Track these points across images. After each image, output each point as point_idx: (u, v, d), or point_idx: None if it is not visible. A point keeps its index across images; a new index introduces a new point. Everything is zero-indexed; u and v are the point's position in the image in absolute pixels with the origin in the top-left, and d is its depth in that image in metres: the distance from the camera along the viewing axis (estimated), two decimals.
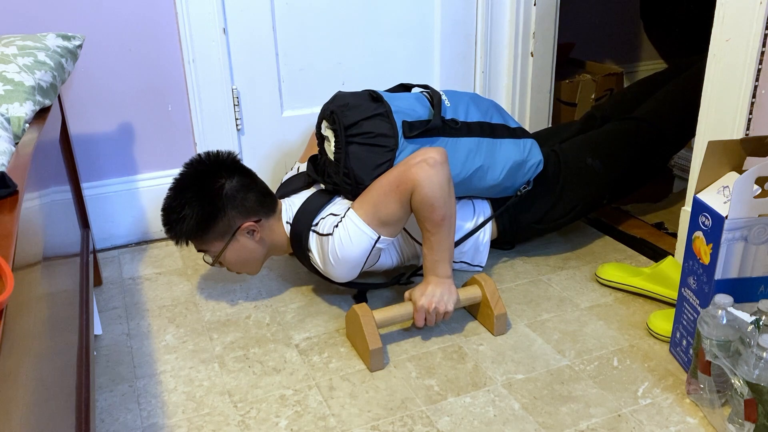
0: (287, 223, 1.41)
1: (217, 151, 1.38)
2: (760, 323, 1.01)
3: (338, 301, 1.48)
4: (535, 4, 1.95)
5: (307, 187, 1.48)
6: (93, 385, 1.05)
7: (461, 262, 1.54)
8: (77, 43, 1.30)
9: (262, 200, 1.38)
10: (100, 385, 1.24)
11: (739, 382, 0.97)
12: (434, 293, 1.28)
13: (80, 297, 1.19)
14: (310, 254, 1.36)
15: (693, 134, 1.69)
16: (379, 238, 1.30)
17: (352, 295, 1.49)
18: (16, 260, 0.62)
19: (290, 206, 1.43)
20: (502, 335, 1.34)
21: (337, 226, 1.30)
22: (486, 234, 1.53)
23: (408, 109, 1.38)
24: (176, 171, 1.78)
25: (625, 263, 1.56)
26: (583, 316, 1.40)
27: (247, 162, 1.86)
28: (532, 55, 2.01)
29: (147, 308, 1.49)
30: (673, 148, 1.71)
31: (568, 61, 2.53)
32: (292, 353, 1.31)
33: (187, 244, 1.37)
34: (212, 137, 1.78)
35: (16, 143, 0.93)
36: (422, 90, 1.48)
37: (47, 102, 1.10)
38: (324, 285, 1.55)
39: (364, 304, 1.28)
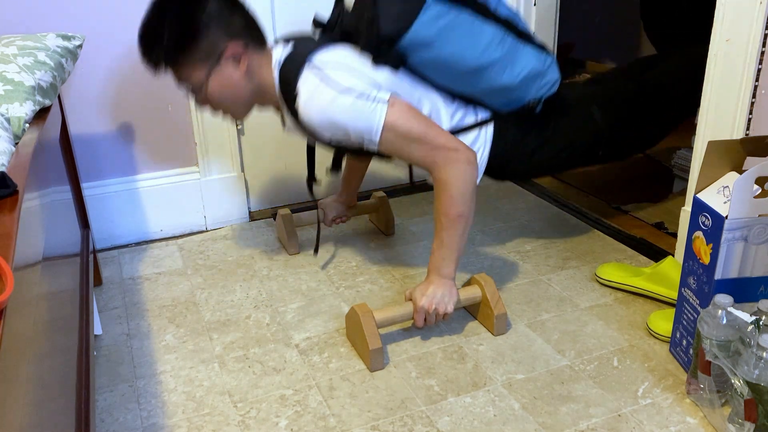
0: (277, 65, 1.30)
1: None
2: (760, 323, 1.01)
3: (338, 301, 1.49)
4: (535, 4, 1.95)
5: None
6: (93, 385, 1.05)
7: None
8: (77, 43, 1.30)
9: (249, 27, 1.28)
10: (100, 385, 1.24)
11: (739, 382, 0.97)
12: (435, 294, 1.28)
13: (80, 297, 1.19)
14: (297, 97, 1.24)
15: (694, 112, 1.67)
16: (375, 144, 1.23)
17: (327, 168, 1.43)
18: (16, 260, 0.62)
19: (283, 49, 1.32)
20: (502, 335, 1.34)
21: (357, 93, 1.21)
22: (485, 151, 1.44)
23: None
24: (176, 171, 1.80)
25: (625, 263, 1.56)
26: (583, 316, 1.40)
27: (247, 162, 1.87)
28: None
29: (147, 308, 1.49)
30: (673, 120, 1.66)
31: (568, 61, 2.53)
32: (292, 353, 1.31)
33: (166, 68, 1.26)
34: (212, 137, 1.78)
35: (16, 143, 0.93)
36: None
37: (47, 102, 1.10)
38: (324, 285, 1.55)
39: (364, 304, 1.28)
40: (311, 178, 1.57)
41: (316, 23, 1.40)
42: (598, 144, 1.54)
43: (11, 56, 1.09)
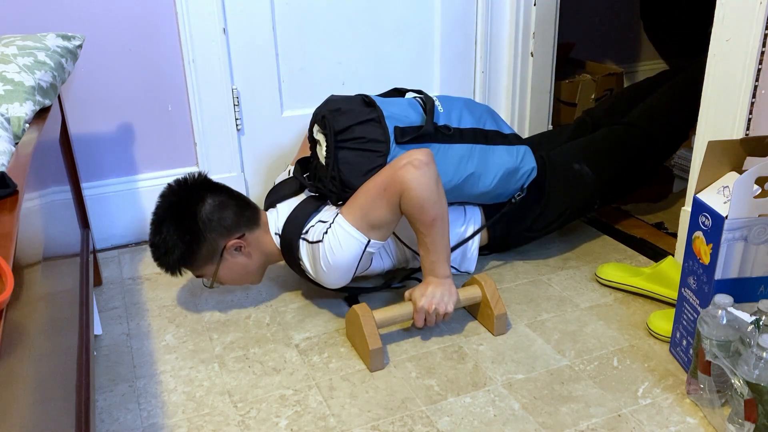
0: (276, 234, 1.40)
1: (185, 176, 1.38)
2: (760, 323, 1.01)
3: (338, 301, 1.48)
4: (535, 4, 1.95)
5: (296, 194, 1.47)
6: (93, 385, 1.05)
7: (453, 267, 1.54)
8: (77, 43, 1.30)
9: (241, 214, 1.37)
10: (100, 385, 1.24)
11: (739, 382, 0.97)
12: (434, 294, 1.28)
13: (80, 297, 1.19)
14: (301, 262, 1.36)
15: (684, 138, 1.70)
16: (369, 242, 1.29)
17: (344, 298, 1.48)
18: (16, 260, 0.62)
19: (277, 216, 1.42)
20: (502, 335, 1.34)
21: (326, 232, 1.29)
22: (475, 242, 1.53)
23: (400, 114, 1.38)
24: (176, 171, 1.80)
25: (625, 263, 1.56)
26: (583, 316, 1.40)
27: (247, 162, 1.86)
28: (532, 55, 2.01)
29: (147, 308, 1.49)
30: (665, 153, 1.71)
31: (568, 61, 2.53)
32: (292, 353, 1.31)
33: (181, 273, 1.37)
34: (212, 137, 1.78)
35: (16, 143, 0.93)
36: (416, 95, 1.48)
37: (47, 102, 1.10)
38: (318, 287, 1.55)
39: (364, 304, 1.28)
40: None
41: (301, 161, 1.51)
42: (593, 198, 1.61)
43: (11, 56, 1.09)
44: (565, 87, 2.33)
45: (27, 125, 1.00)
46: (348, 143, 1.33)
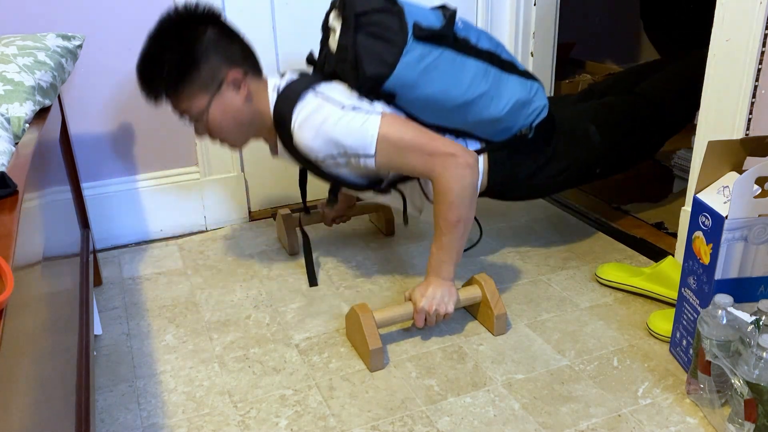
0: (275, 89, 1.32)
1: (197, 2, 1.28)
2: (760, 323, 1.01)
3: (338, 301, 1.48)
4: (535, 4, 1.95)
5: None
6: (93, 385, 1.05)
7: None
8: (77, 43, 1.30)
9: (247, 54, 1.30)
10: (100, 385, 1.24)
11: (739, 382, 0.97)
12: (435, 295, 1.28)
13: (80, 297, 1.19)
14: (293, 112, 1.26)
15: (691, 119, 1.68)
16: (373, 159, 1.25)
17: (326, 199, 1.43)
18: (16, 260, 0.62)
19: (283, 77, 1.34)
20: (502, 335, 1.34)
21: (353, 108, 1.23)
22: (480, 178, 1.45)
23: (421, 15, 1.32)
24: (176, 171, 1.80)
25: (625, 263, 1.56)
26: (583, 316, 1.40)
27: (247, 162, 1.86)
28: (532, 55, 2.01)
29: (147, 308, 1.49)
30: (671, 130, 1.67)
31: (568, 61, 2.53)
32: (292, 353, 1.31)
33: (166, 99, 1.27)
34: None
35: (16, 143, 0.93)
36: (437, 7, 1.42)
37: (47, 102, 1.10)
38: (324, 285, 1.55)
39: (364, 303, 1.28)
40: (304, 205, 1.56)
41: (310, 61, 1.43)
42: (596, 162, 1.56)
43: (11, 56, 1.09)
44: (565, 87, 2.33)
45: (27, 125, 1.00)
46: (365, 28, 1.27)
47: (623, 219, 1.82)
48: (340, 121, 1.23)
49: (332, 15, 1.33)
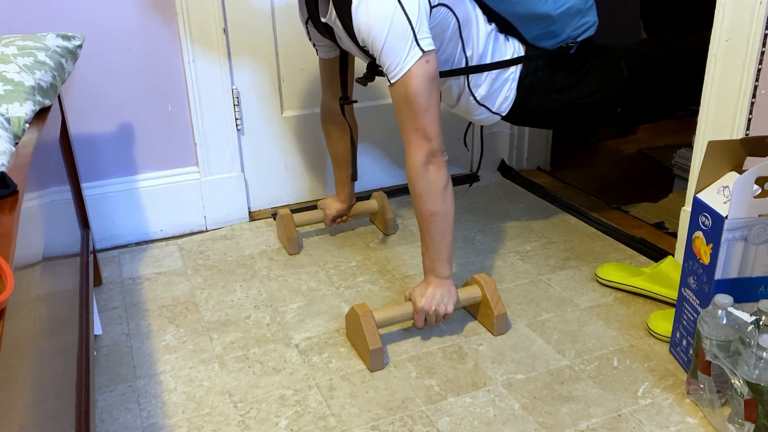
0: None
1: None
2: (760, 323, 1.01)
3: (338, 301, 1.49)
4: None
5: None
6: (93, 385, 1.05)
7: (483, 105, 1.46)
8: (77, 43, 1.30)
9: None
10: (100, 385, 1.24)
11: (739, 382, 0.97)
12: (434, 295, 1.28)
13: (80, 297, 1.19)
14: None
15: (698, 94, 1.66)
16: (390, 82, 1.23)
17: (359, 78, 1.39)
18: (16, 260, 0.62)
19: None
20: (502, 335, 1.34)
21: (409, 19, 1.19)
22: (514, 82, 1.44)
23: None
24: (176, 171, 1.80)
25: (625, 263, 1.56)
26: (583, 316, 1.40)
27: (247, 162, 1.87)
28: None
29: (147, 308, 1.49)
30: (690, 95, 1.63)
31: None
32: (292, 353, 1.31)
33: None
34: (212, 137, 1.78)
35: (16, 143, 0.93)
36: None
37: (47, 102, 1.10)
38: (324, 285, 1.55)
39: (364, 304, 1.28)
40: (346, 98, 1.53)
41: None
42: (620, 99, 1.53)
43: (11, 56, 1.09)
44: None
45: (27, 125, 1.00)
46: None
47: (623, 219, 1.82)
48: (392, 30, 1.19)
49: None
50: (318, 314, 1.44)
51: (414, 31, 1.21)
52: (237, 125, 1.80)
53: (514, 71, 1.43)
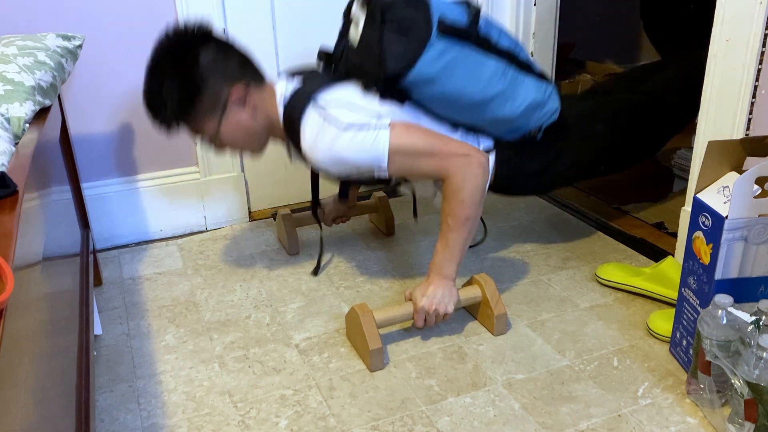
0: (283, 98, 1.31)
1: (185, 24, 1.27)
2: (760, 323, 1.01)
3: (338, 301, 1.49)
4: (535, 4, 1.95)
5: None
6: (93, 385, 1.05)
7: None
8: (77, 43, 1.30)
9: (245, 65, 1.30)
10: (100, 385, 1.24)
11: (739, 382, 0.97)
12: (435, 294, 1.28)
13: (80, 297, 1.19)
14: (300, 130, 1.26)
15: (693, 117, 1.68)
16: (385, 171, 1.25)
17: (336, 194, 1.43)
18: (16, 260, 0.62)
19: (287, 85, 1.34)
20: (502, 335, 1.34)
21: (357, 127, 1.22)
22: (489, 174, 1.43)
23: (447, 10, 1.32)
24: (176, 171, 1.80)
25: (625, 263, 1.56)
26: (583, 316, 1.40)
27: (247, 162, 1.86)
28: (532, 55, 2.01)
29: (147, 308, 1.49)
30: (674, 128, 1.68)
31: (568, 61, 2.53)
32: (292, 353, 1.31)
33: (178, 126, 1.27)
34: None
35: (16, 143, 0.93)
36: (462, 1, 1.42)
37: (47, 102, 1.10)
38: (324, 285, 1.55)
39: (364, 304, 1.28)
40: (315, 202, 1.58)
41: (321, 56, 1.41)
42: (601, 159, 1.57)
43: (11, 56, 1.09)
44: (565, 87, 2.33)
45: (27, 125, 1.00)
46: (389, 24, 1.26)
47: (623, 219, 1.82)
48: (349, 143, 1.22)
49: (356, 4, 1.31)
50: (318, 314, 1.44)
51: (365, 128, 1.23)
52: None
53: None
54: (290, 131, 1.30)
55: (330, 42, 1.83)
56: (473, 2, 1.40)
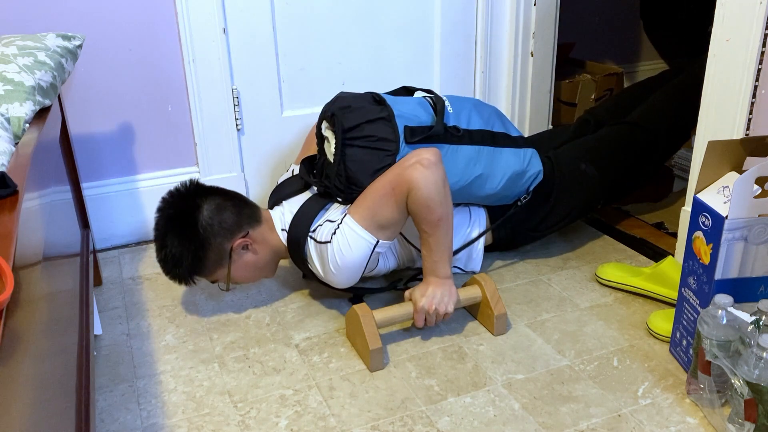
0: (283, 230, 1.41)
1: (177, 186, 1.36)
2: (760, 323, 1.01)
3: (338, 301, 1.48)
4: (535, 4, 1.95)
5: (301, 191, 1.47)
6: (93, 385, 1.05)
7: (455, 266, 1.54)
8: (77, 43, 1.30)
9: (240, 213, 1.36)
10: (100, 385, 1.24)
11: (739, 382, 0.97)
12: (434, 294, 1.28)
13: (80, 297, 1.19)
14: (309, 262, 1.36)
15: (686, 138, 1.70)
16: (377, 242, 1.29)
17: (349, 298, 1.48)
18: (16, 260, 0.62)
19: (283, 214, 1.43)
20: (502, 335, 1.34)
21: (335, 233, 1.29)
22: (480, 242, 1.53)
23: (410, 114, 1.37)
24: (176, 171, 1.80)
25: (625, 263, 1.56)
26: (583, 316, 1.40)
27: (247, 162, 1.86)
28: (532, 55, 2.01)
29: (147, 308, 1.49)
30: (667, 152, 1.72)
31: (568, 61, 2.53)
32: (292, 353, 1.31)
33: (195, 281, 1.37)
34: (212, 137, 1.78)
35: (16, 143, 0.93)
36: (425, 95, 1.48)
37: (47, 102, 1.10)
38: (324, 285, 1.55)
39: (364, 304, 1.28)
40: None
41: (305, 162, 1.48)
42: (597, 197, 1.61)
43: (11, 56, 1.09)
44: (565, 87, 2.33)
45: (27, 125, 1.00)
46: (357, 141, 1.33)
47: (623, 219, 1.82)
48: (344, 253, 1.28)
49: (324, 125, 1.38)
50: (318, 314, 1.44)
51: (335, 231, 1.30)
52: (237, 125, 1.80)
53: (482, 242, 1.54)
54: (298, 259, 1.39)
55: (330, 43, 1.83)
56: (435, 92, 1.47)
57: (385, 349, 1.31)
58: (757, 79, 1.27)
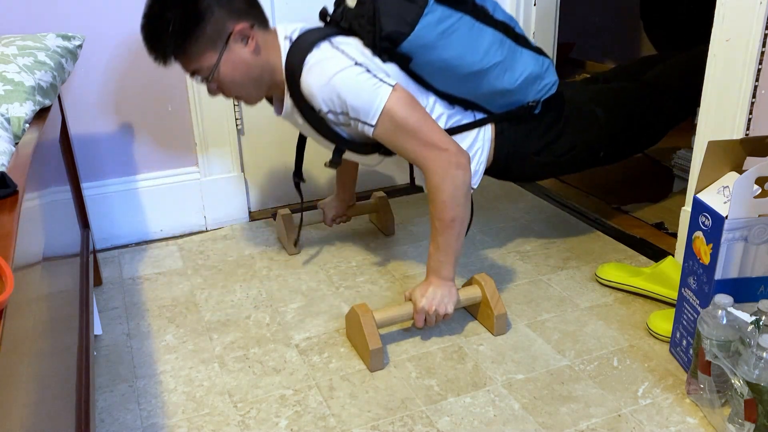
0: (286, 38, 1.30)
1: None
2: (760, 323, 1.01)
3: (338, 301, 1.49)
4: (535, 4, 1.95)
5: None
6: (93, 385, 1.05)
7: None
8: (77, 43, 1.30)
9: (253, 5, 1.27)
10: (100, 385, 1.24)
11: (739, 382, 0.97)
12: (435, 295, 1.28)
13: (80, 297, 1.19)
14: (305, 60, 1.24)
15: (694, 109, 1.68)
16: (371, 128, 1.24)
17: (327, 162, 1.39)
18: (16, 260, 0.62)
19: (292, 28, 1.32)
20: (502, 335, 1.34)
21: (365, 67, 1.21)
22: (483, 153, 1.44)
23: None
24: (176, 171, 1.80)
25: (625, 263, 1.56)
26: (583, 316, 1.40)
27: (247, 162, 1.87)
28: None
29: (147, 308, 1.49)
30: (674, 119, 1.67)
31: (568, 61, 2.53)
32: (292, 353, 1.31)
33: (175, 59, 1.24)
34: (212, 137, 1.78)
35: (16, 143, 0.93)
36: None
37: (47, 102, 1.10)
38: (324, 285, 1.55)
39: (364, 303, 1.28)
40: (298, 175, 1.58)
41: (323, 15, 1.39)
42: (601, 144, 1.55)
43: (11, 56, 1.09)
44: None
45: (27, 125, 1.00)
46: None
47: (623, 219, 1.82)
48: (351, 78, 1.21)
49: None
50: (318, 314, 1.44)
51: (373, 74, 1.23)
52: (237, 125, 1.80)
53: (481, 146, 1.43)
54: (293, 66, 1.27)
55: None
56: None
57: (385, 349, 1.31)
58: (757, 79, 1.27)
